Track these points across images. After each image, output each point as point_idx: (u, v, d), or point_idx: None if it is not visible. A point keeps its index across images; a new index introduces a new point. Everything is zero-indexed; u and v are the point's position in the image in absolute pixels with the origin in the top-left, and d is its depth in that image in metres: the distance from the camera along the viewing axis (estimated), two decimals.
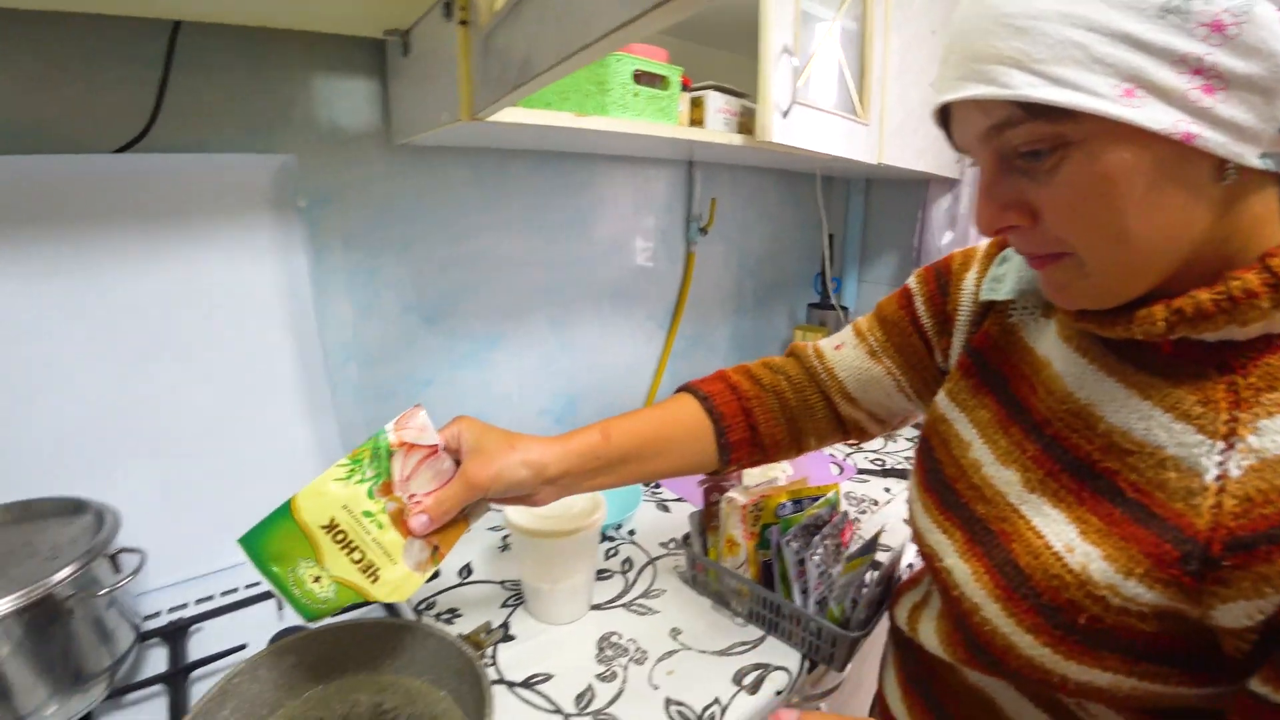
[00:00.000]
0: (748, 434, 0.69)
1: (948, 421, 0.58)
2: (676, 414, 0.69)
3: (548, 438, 0.62)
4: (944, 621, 0.54)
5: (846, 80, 1.11)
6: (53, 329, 0.74)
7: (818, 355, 0.73)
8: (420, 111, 0.80)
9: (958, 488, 0.53)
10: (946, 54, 0.41)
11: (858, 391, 0.70)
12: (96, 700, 0.61)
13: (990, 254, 0.61)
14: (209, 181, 0.80)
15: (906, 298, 0.67)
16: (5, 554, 0.60)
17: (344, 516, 0.55)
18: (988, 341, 0.58)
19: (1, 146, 0.71)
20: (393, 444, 0.56)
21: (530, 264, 1.15)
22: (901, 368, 0.67)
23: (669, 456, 0.68)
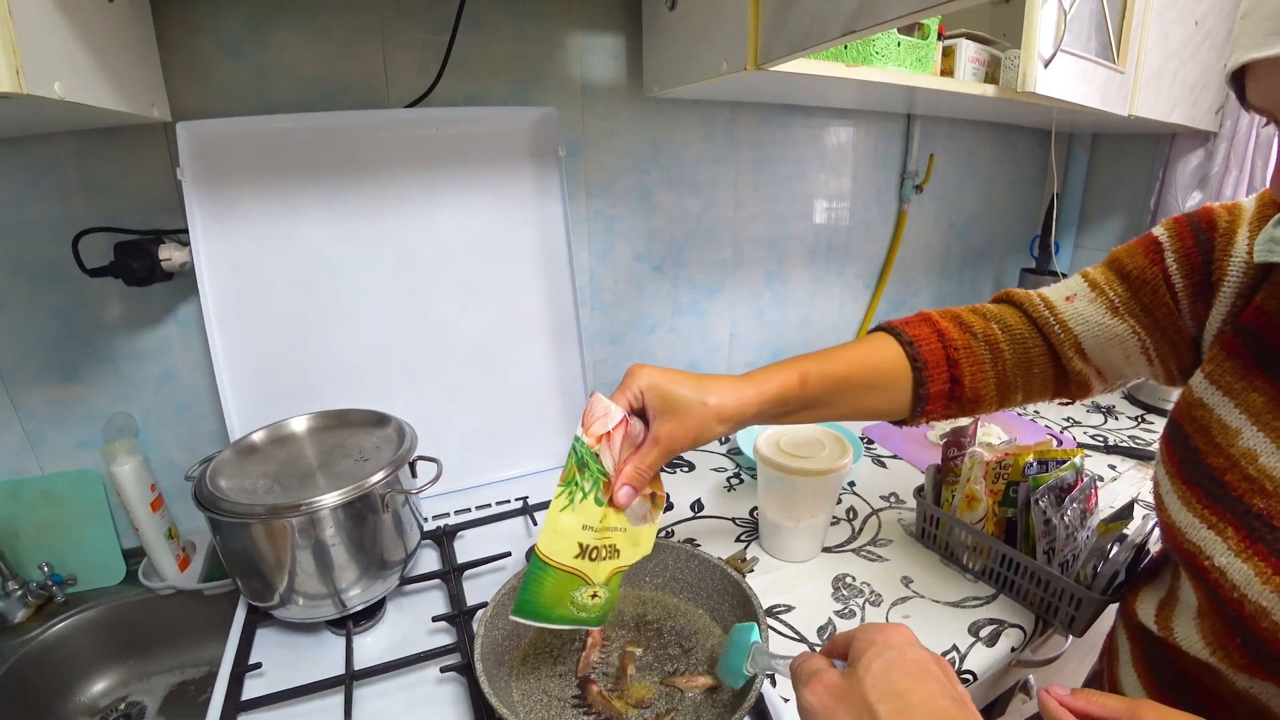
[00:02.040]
0: (948, 386, 0.65)
1: (1207, 407, 0.51)
2: (876, 358, 0.65)
3: (739, 380, 0.60)
4: (1212, 623, 0.50)
5: (1106, 20, 1.02)
6: (355, 265, 0.87)
7: (1046, 305, 0.66)
8: (684, 64, 0.84)
9: (1227, 480, 0.48)
10: (1253, 8, 0.37)
11: (1093, 349, 0.63)
12: (391, 587, 0.74)
13: (1265, 212, 0.53)
14: (481, 132, 0.89)
15: (1156, 251, 0.58)
16: (326, 452, 0.73)
17: (589, 537, 0.55)
18: (1263, 318, 0.51)
19: (315, 104, 0.84)
20: (591, 445, 0.55)
21: (752, 217, 1.19)
22: (1148, 329, 0.60)
23: (859, 403, 0.64)
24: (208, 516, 0.63)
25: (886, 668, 0.36)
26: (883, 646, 0.37)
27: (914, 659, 0.37)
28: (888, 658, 0.37)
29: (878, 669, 0.36)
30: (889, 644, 0.38)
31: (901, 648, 0.37)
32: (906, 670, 0.36)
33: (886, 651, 0.37)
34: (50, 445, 0.84)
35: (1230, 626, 0.47)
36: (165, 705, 0.84)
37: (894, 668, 0.36)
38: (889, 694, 0.35)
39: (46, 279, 0.78)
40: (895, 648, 0.37)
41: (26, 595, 0.80)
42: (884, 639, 0.38)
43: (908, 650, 0.37)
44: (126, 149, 0.78)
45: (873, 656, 0.37)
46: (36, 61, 0.48)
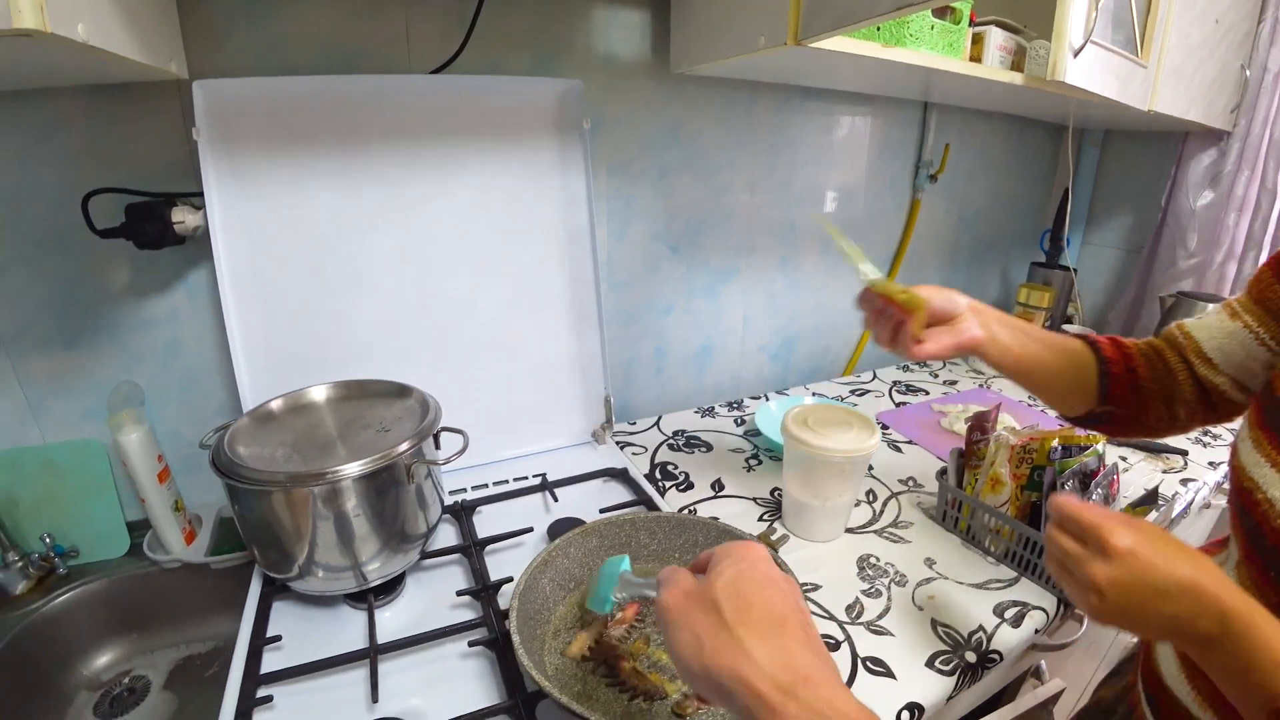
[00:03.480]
0: (1126, 374, 0.67)
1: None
2: (1062, 339, 0.69)
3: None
4: (1248, 568, 0.51)
5: (1131, 14, 1.02)
6: (372, 234, 0.85)
7: (1178, 325, 0.69)
8: (717, 39, 0.83)
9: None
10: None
11: (1215, 354, 0.64)
12: (412, 561, 0.72)
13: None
14: (505, 103, 0.87)
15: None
16: (345, 422, 0.71)
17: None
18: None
19: (335, 68, 0.81)
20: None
21: (768, 202, 1.18)
22: (1261, 320, 0.60)
23: (1053, 384, 0.69)
24: (226, 484, 0.61)
25: (735, 575, 0.39)
26: (736, 559, 0.40)
27: (762, 572, 0.40)
28: (739, 568, 0.40)
29: (728, 575, 0.39)
30: (742, 557, 0.41)
31: (753, 561, 0.40)
32: (754, 579, 0.39)
33: (739, 563, 0.40)
34: (53, 414, 0.81)
35: (1267, 562, 0.48)
36: (170, 679, 0.82)
37: (742, 576, 0.39)
38: (734, 595, 0.38)
39: (51, 244, 0.75)
40: (747, 561, 0.40)
41: (28, 567, 0.78)
42: (738, 554, 0.41)
43: (758, 564, 0.40)
44: (137, 108, 0.75)
45: (726, 567, 0.40)
46: (61, 1, 0.45)
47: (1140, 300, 1.50)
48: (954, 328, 0.66)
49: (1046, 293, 1.43)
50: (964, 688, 0.65)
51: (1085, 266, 1.63)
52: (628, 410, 1.18)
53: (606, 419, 1.02)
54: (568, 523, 0.81)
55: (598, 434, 1.03)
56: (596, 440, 1.03)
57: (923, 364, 1.49)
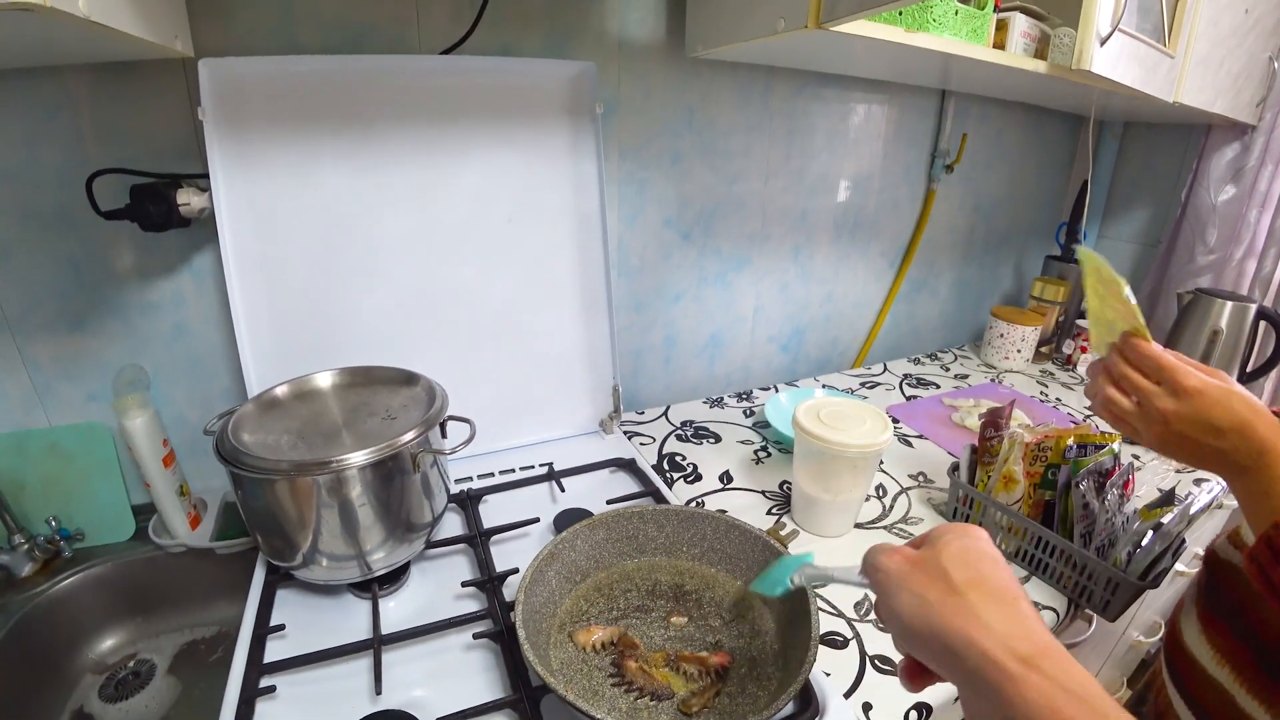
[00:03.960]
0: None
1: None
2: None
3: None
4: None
5: (1160, 2, 0.99)
6: (379, 218, 0.83)
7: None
8: (735, 21, 0.81)
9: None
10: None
11: None
12: (417, 551, 0.72)
13: None
14: (516, 85, 0.85)
15: None
16: (351, 410, 0.70)
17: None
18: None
19: (342, 47, 0.80)
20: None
21: (783, 189, 1.16)
22: None
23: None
24: (230, 471, 0.60)
25: (964, 549, 0.37)
26: (960, 535, 0.39)
27: (990, 551, 0.38)
28: (965, 542, 0.38)
29: (955, 548, 0.37)
30: (967, 533, 0.39)
31: (978, 538, 0.39)
32: (981, 553, 0.37)
33: (964, 538, 0.38)
34: (58, 397, 0.81)
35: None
36: (174, 664, 0.82)
37: (970, 550, 0.37)
38: (964, 564, 0.36)
39: (55, 225, 0.74)
40: (972, 537, 0.39)
41: (33, 550, 0.78)
42: (962, 530, 0.39)
43: (982, 542, 0.39)
44: (142, 88, 0.73)
45: (952, 539, 0.38)
46: None
47: (1157, 296, 1.48)
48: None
49: (1061, 286, 1.41)
50: None
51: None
52: (636, 400, 1.17)
53: (614, 408, 1.01)
54: (574, 513, 0.80)
55: (605, 424, 1.02)
56: (604, 430, 1.02)
57: (935, 357, 1.48)
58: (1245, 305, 1.23)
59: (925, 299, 1.48)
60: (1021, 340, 1.38)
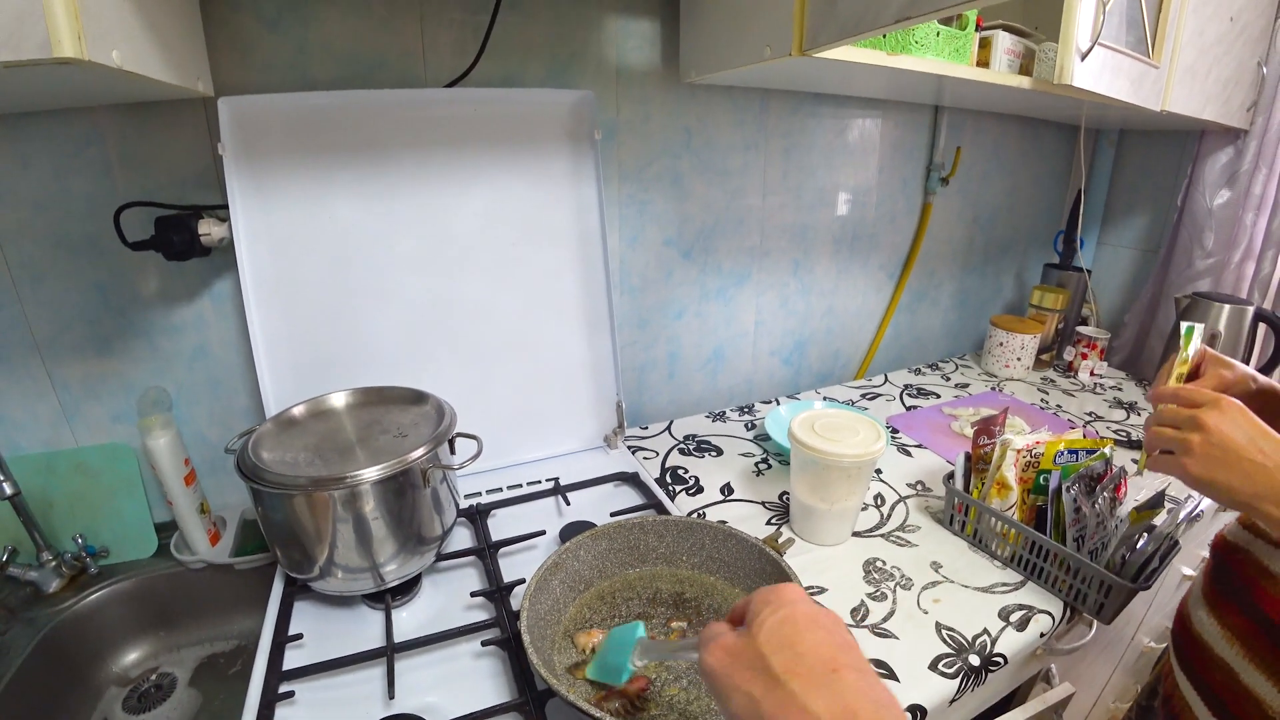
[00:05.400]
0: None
1: None
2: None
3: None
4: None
5: (1142, 14, 1.02)
6: (390, 243, 0.87)
7: None
8: (725, 49, 0.84)
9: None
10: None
11: None
12: (428, 564, 0.74)
13: None
14: (518, 114, 0.89)
15: None
16: (364, 427, 0.74)
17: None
18: None
19: (353, 81, 0.83)
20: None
21: (780, 206, 1.19)
22: None
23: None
24: (250, 487, 0.63)
25: (778, 623, 0.38)
26: (776, 605, 0.40)
27: (804, 613, 0.39)
28: (780, 615, 0.39)
29: (770, 625, 0.38)
30: (781, 602, 0.40)
31: (793, 604, 0.40)
32: (797, 623, 0.38)
33: (779, 610, 0.39)
34: (85, 418, 0.84)
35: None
36: (195, 677, 0.85)
37: (785, 623, 0.38)
38: (780, 646, 0.37)
39: (84, 252, 0.79)
40: (787, 605, 0.39)
41: (60, 566, 0.81)
42: (777, 599, 0.40)
43: (799, 606, 0.40)
44: (166, 124, 0.78)
45: (766, 615, 0.39)
46: (97, 29, 0.48)
47: (1156, 301, 1.49)
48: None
49: (1060, 294, 1.43)
50: (967, 691, 0.66)
51: (1100, 267, 1.62)
52: (641, 414, 1.20)
53: (618, 424, 1.03)
54: (579, 526, 0.83)
55: (610, 438, 1.04)
56: (609, 445, 1.05)
57: (936, 367, 1.49)
58: (1243, 308, 1.25)
59: (927, 309, 1.50)
60: (1021, 348, 1.40)
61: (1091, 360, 1.44)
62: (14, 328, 0.78)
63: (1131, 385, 1.43)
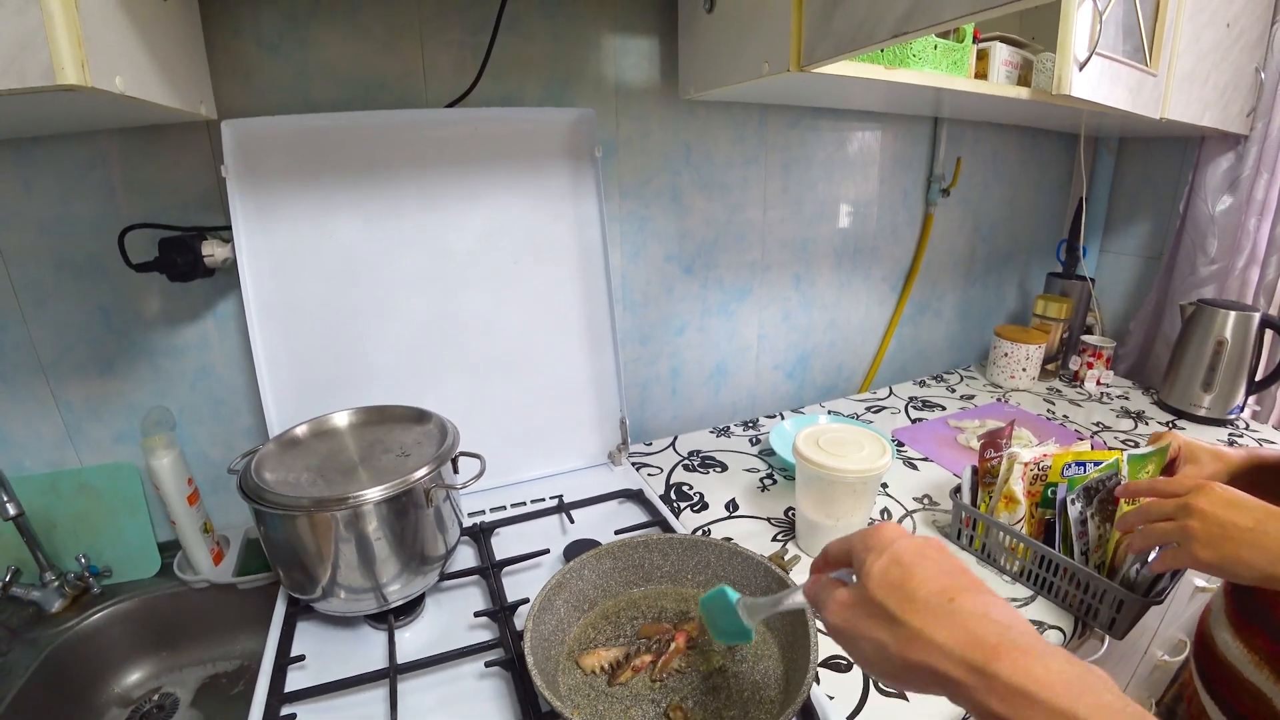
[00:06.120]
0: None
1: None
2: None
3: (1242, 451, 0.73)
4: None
5: (1138, 23, 1.02)
6: (392, 262, 0.87)
7: None
8: (723, 66, 0.85)
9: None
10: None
11: None
12: (431, 583, 0.74)
13: None
14: (519, 132, 0.89)
15: None
16: (367, 447, 0.73)
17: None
18: None
19: (354, 103, 0.84)
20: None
21: (781, 220, 1.19)
22: None
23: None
24: (253, 508, 0.63)
25: (885, 566, 0.39)
26: (879, 550, 0.40)
27: (907, 549, 0.39)
28: (885, 558, 0.39)
29: (877, 571, 0.39)
30: (883, 544, 0.40)
31: (893, 542, 0.40)
32: (903, 562, 0.39)
33: (883, 554, 0.39)
34: (89, 438, 0.85)
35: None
36: (198, 697, 0.84)
37: (892, 564, 0.39)
38: (893, 588, 0.38)
39: (89, 274, 0.79)
40: (889, 545, 0.40)
41: (63, 586, 0.81)
42: (878, 543, 0.40)
43: (900, 543, 0.40)
44: (168, 147, 0.79)
45: (872, 562, 0.39)
46: (100, 56, 0.48)
47: (1161, 308, 1.48)
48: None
49: (1064, 303, 1.42)
50: None
51: (1104, 275, 1.62)
52: (644, 431, 1.19)
53: (622, 440, 1.03)
54: (584, 544, 0.82)
55: (614, 455, 1.04)
56: (613, 462, 1.04)
57: (940, 379, 1.49)
58: (1249, 314, 1.24)
59: (930, 321, 1.50)
60: (1026, 359, 1.39)
61: (1098, 369, 1.43)
62: (19, 349, 0.78)
63: (1139, 394, 1.42)
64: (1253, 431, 1.26)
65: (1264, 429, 1.28)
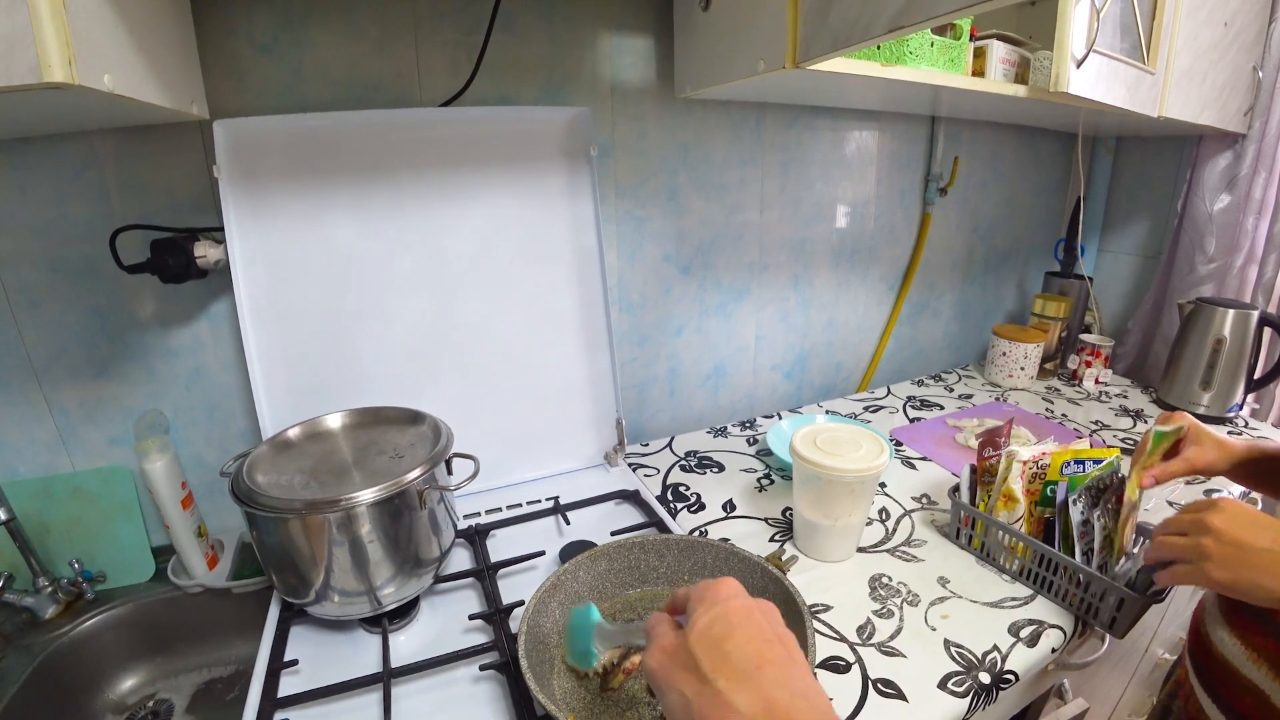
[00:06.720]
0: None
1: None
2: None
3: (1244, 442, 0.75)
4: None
5: (1136, 20, 1.02)
6: (386, 263, 0.86)
7: None
8: (719, 64, 0.84)
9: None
10: None
11: None
12: (425, 586, 0.73)
13: None
14: (514, 132, 0.89)
15: None
16: (360, 449, 0.73)
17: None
18: None
19: (349, 103, 0.84)
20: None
21: (779, 220, 1.19)
22: None
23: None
24: (245, 511, 0.62)
25: (709, 622, 0.39)
26: (710, 603, 0.40)
27: (736, 609, 0.39)
28: (712, 614, 0.39)
29: (702, 624, 0.39)
30: (715, 600, 0.40)
31: (726, 601, 0.40)
32: (729, 620, 0.39)
33: (712, 609, 0.39)
34: (82, 442, 0.84)
35: None
36: (193, 703, 0.83)
37: (716, 621, 0.39)
38: (710, 645, 0.37)
39: (82, 276, 0.79)
40: (721, 602, 0.40)
41: (57, 591, 0.80)
42: (711, 595, 0.40)
43: (732, 603, 0.40)
44: (162, 147, 0.78)
45: (700, 615, 0.39)
46: (88, 53, 0.48)
47: (1160, 307, 1.48)
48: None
49: (1063, 303, 1.42)
50: (978, 709, 0.64)
51: (1102, 274, 1.61)
52: (642, 432, 1.19)
53: (619, 441, 1.02)
54: (579, 546, 0.82)
55: (610, 456, 1.03)
56: (609, 463, 1.04)
57: (939, 378, 1.48)
58: (1248, 312, 1.23)
59: (928, 321, 1.49)
60: (1024, 358, 1.39)
61: (1096, 368, 1.42)
62: (11, 353, 0.78)
63: (1137, 392, 1.42)
64: (1252, 429, 1.25)
65: (1263, 426, 1.27)
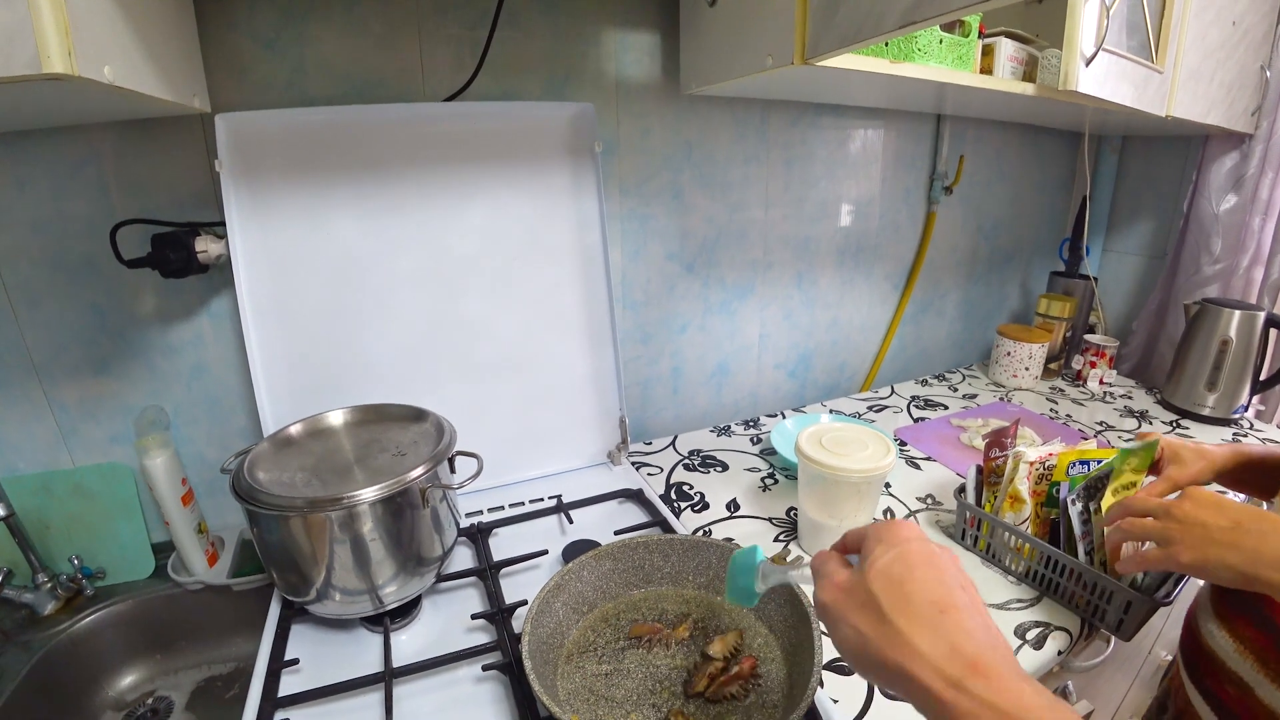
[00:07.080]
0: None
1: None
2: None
3: (1227, 448, 0.74)
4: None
5: (1144, 19, 1.01)
6: (389, 259, 0.86)
7: None
8: (726, 60, 0.84)
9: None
10: None
11: None
12: (428, 585, 0.72)
13: None
14: (518, 128, 0.88)
15: None
16: (363, 446, 0.72)
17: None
18: None
19: (351, 98, 0.83)
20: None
21: (783, 218, 1.19)
22: None
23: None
24: (246, 509, 0.62)
25: (890, 561, 0.38)
26: (890, 543, 0.39)
27: (917, 551, 0.39)
28: (892, 554, 0.39)
29: (882, 564, 0.38)
30: (895, 540, 0.39)
31: (906, 542, 0.39)
32: (909, 562, 0.38)
33: (892, 549, 0.39)
34: (82, 438, 0.83)
35: None
36: (192, 700, 0.83)
37: (896, 561, 0.38)
38: (890, 585, 0.37)
39: (82, 273, 0.78)
40: (900, 543, 0.39)
41: (56, 588, 0.80)
42: (891, 536, 0.40)
43: (912, 544, 0.39)
44: (163, 142, 0.77)
45: (879, 554, 0.39)
46: (88, 44, 0.47)
47: (1165, 308, 1.47)
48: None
49: (1067, 303, 1.41)
50: None
51: (1107, 275, 1.61)
52: (645, 430, 1.18)
53: (622, 439, 1.02)
54: (583, 545, 0.81)
55: (613, 455, 1.03)
56: (612, 461, 1.03)
57: (943, 378, 1.48)
58: (1254, 313, 1.23)
59: (932, 320, 1.49)
60: (1029, 358, 1.38)
61: (1101, 368, 1.42)
62: (11, 350, 0.77)
63: (1142, 393, 1.41)
64: (1257, 431, 1.25)
65: (1268, 428, 1.27)
